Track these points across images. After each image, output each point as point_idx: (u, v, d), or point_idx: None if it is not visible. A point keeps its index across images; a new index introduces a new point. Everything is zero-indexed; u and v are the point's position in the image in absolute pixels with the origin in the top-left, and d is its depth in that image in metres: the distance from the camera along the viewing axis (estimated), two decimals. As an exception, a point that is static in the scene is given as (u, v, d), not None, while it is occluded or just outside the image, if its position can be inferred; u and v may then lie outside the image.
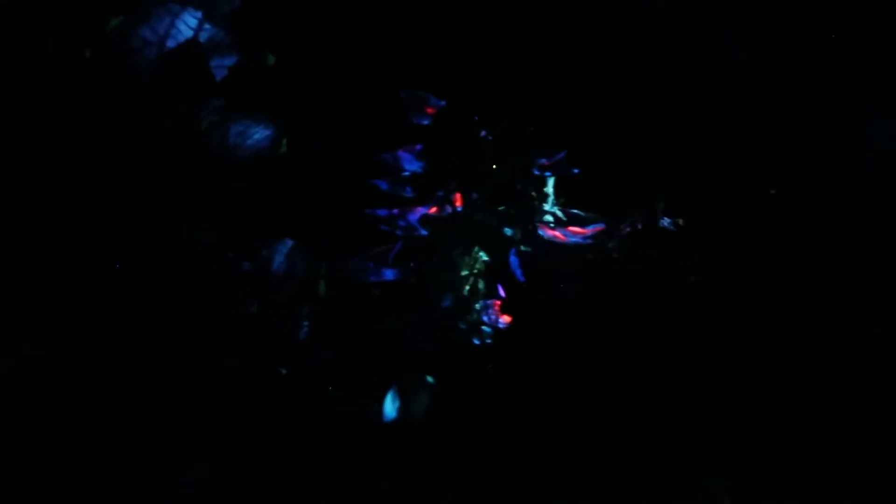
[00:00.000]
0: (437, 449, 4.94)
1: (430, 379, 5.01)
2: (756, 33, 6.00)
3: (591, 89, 6.55)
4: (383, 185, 5.80)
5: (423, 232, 5.61)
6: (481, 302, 5.70)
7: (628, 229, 6.22)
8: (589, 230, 6.01)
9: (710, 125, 6.17)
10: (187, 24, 5.67)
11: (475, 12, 6.07)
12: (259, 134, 6.01)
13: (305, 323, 5.09)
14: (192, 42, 5.78)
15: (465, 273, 5.71)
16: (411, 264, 5.57)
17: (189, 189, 5.75)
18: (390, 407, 4.85)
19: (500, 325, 5.42)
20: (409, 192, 5.85)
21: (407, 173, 5.83)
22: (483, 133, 6.03)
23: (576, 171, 6.18)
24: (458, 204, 5.99)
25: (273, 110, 6.06)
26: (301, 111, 6.02)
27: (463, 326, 5.31)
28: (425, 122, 5.88)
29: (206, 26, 5.77)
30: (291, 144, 6.02)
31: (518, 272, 5.65)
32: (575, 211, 6.26)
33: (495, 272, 5.90)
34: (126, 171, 5.75)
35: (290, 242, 5.26)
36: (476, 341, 5.32)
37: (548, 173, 6.21)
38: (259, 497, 4.73)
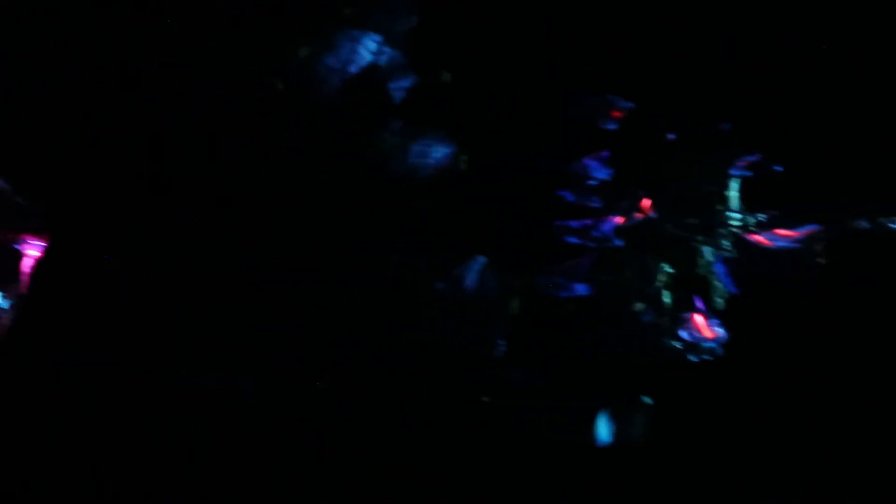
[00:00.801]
0: (658, 474, 4.58)
1: (647, 399, 4.67)
2: None
3: (785, 82, 5.99)
4: (569, 196, 5.54)
5: (619, 242, 5.29)
6: (681, 315, 5.29)
7: (842, 231, 5.58)
8: (800, 233, 5.43)
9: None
10: (368, 48, 5.73)
11: (661, 7, 5.72)
12: (439, 152, 5.95)
13: (501, 342, 4.91)
14: (373, 66, 5.83)
15: (661, 284, 5.32)
16: (605, 277, 5.26)
17: (375, 211, 5.76)
18: (604, 430, 4.54)
19: (708, 341, 4.98)
20: (596, 202, 5.55)
21: (594, 182, 5.54)
22: (673, 135, 5.64)
23: (778, 168, 5.63)
24: (649, 211, 5.62)
25: (451, 127, 5.98)
26: (480, 125, 5.90)
27: (671, 342, 4.92)
28: (612, 127, 5.57)
29: (386, 49, 5.80)
30: (472, 160, 5.90)
31: (728, 282, 5.19)
32: (774, 213, 5.71)
33: (693, 282, 5.46)
34: (314, 198, 5.85)
35: (482, 260, 5.11)
36: (693, 358, 4.92)
37: (745, 173, 5.71)
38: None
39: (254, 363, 5.03)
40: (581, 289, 5.29)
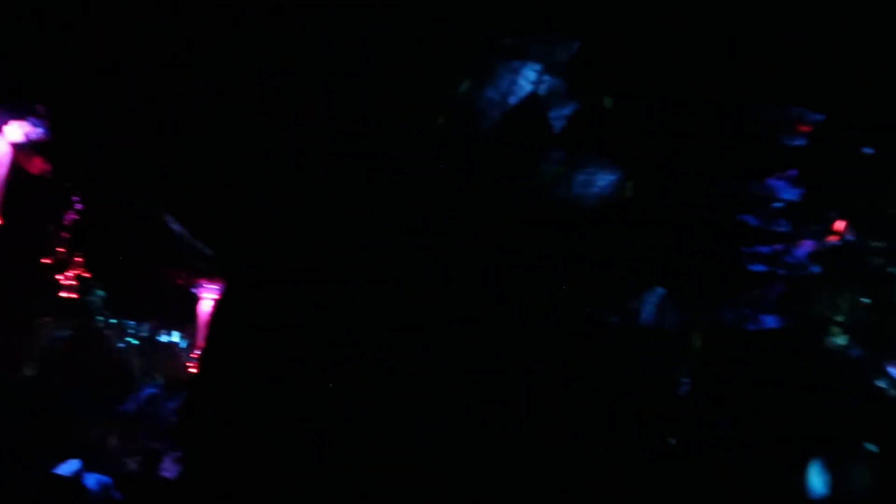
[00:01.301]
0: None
1: (870, 447, 4.10)
2: None
3: None
4: (753, 220, 5.08)
5: (813, 269, 4.76)
6: (888, 349, 4.65)
7: None
8: None
9: None
10: (527, 78, 5.62)
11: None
12: (604, 180, 5.69)
13: (684, 380, 4.52)
14: (532, 96, 5.70)
15: (863, 314, 4.72)
16: (798, 307, 4.74)
17: (539, 245, 5.57)
18: (818, 481, 4.02)
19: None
20: (784, 226, 5.05)
21: (781, 204, 5.06)
22: (870, 149, 5.06)
23: None
24: (844, 234, 5.04)
25: (616, 153, 5.71)
26: (647, 149, 5.58)
27: (879, 380, 4.32)
28: (799, 143, 5.08)
29: (545, 78, 5.66)
30: (640, 186, 5.59)
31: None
32: None
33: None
34: (476, 234, 5.75)
35: (660, 291, 4.77)
36: (922, 399, 4.30)
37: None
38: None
39: (428, 399, 4.96)
40: (771, 321, 4.80)
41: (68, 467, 8.00)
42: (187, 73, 6.79)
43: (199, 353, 14.70)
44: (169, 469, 9.05)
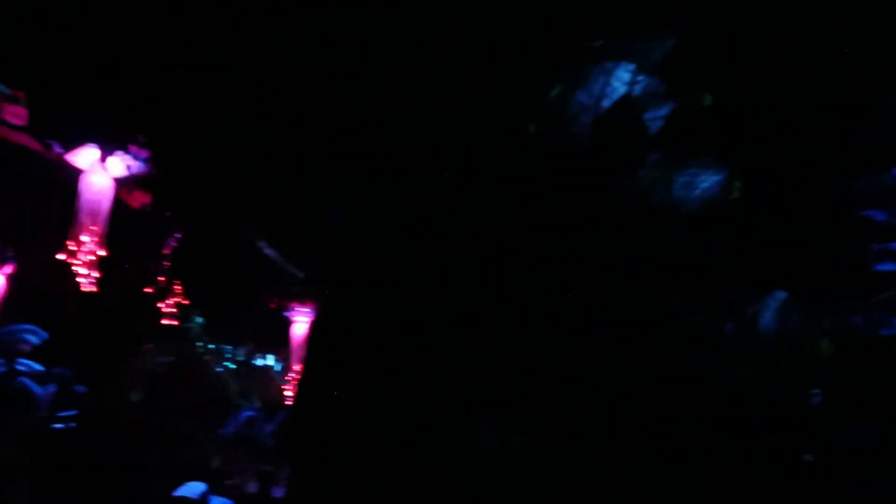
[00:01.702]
0: None
1: None
2: None
3: None
4: (879, 215, 4.68)
5: (954, 265, 4.33)
6: None
7: None
8: None
9: None
10: (621, 79, 5.40)
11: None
12: (707, 181, 5.38)
13: (814, 390, 4.16)
14: (626, 98, 5.47)
15: None
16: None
17: (644, 252, 5.30)
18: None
19: None
20: (914, 220, 4.63)
21: (910, 196, 4.64)
22: None
23: None
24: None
25: (720, 152, 5.40)
26: (754, 146, 5.25)
27: None
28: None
29: (640, 78, 5.43)
30: (749, 186, 5.26)
31: None
32: None
33: None
34: (574, 245, 5.54)
35: (780, 295, 4.43)
36: None
37: None
38: None
39: (533, 415, 4.78)
40: (906, 324, 4.39)
41: (194, 489, 8.17)
42: (269, 103, 6.89)
43: (293, 375, 15.03)
44: (280, 490, 9.16)
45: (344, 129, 6.18)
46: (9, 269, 11.89)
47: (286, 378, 14.87)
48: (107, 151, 9.16)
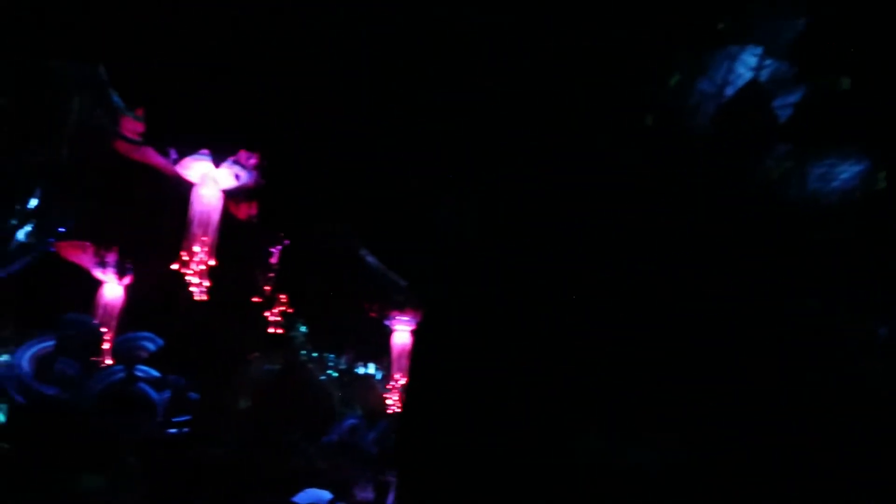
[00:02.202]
0: None
1: None
2: None
3: None
4: None
5: None
6: None
7: None
8: None
9: None
10: (747, 64, 5.00)
11: None
12: (847, 172, 4.90)
13: None
14: (753, 84, 5.06)
15: None
16: None
17: (771, 247, 4.87)
18: None
19: None
20: None
21: None
22: None
23: None
24: None
25: (861, 140, 4.91)
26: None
27: None
28: None
29: (768, 62, 5.01)
30: (893, 178, 4.75)
31: None
32: None
33: None
34: (699, 245, 5.16)
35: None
36: None
37: None
38: None
39: (655, 429, 4.47)
40: None
41: (318, 497, 8.21)
42: (372, 112, 6.83)
43: (394, 384, 15.01)
44: (393, 499, 9.10)
45: (451, 137, 6.03)
46: (127, 280, 12.43)
47: (387, 386, 14.87)
48: (217, 164, 9.39)
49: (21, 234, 11.09)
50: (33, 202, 11.03)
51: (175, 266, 9.46)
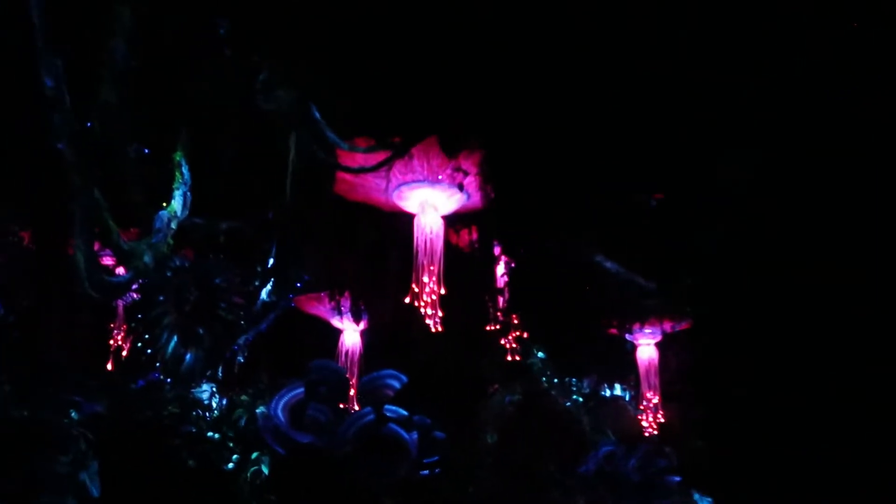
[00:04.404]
0: None
1: None
2: None
3: None
4: None
5: None
6: None
7: None
8: None
9: None
10: None
11: None
12: None
13: None
14: None
15: None
16: None
17: None
18: None
19: None
20: None
21: None
22: None
23: None
24: None
25: None
26: None
27: None
28: None
29: None
30: None
31: None
32: None
33: None
34: None
35: None
36: None
37: None
38: None
39: None
40: None
41: None
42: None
43: (646, 403, 13.67)
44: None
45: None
46: (363, 324, 12.50)
47: (640, 407, 13.61)
48: (434, 190, 9.03)
49: (264, 294, 11.53)
50: (270, 261, 11.45)
51: (407, 299, 9.17)
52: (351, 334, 12.27)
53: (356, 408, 10.34)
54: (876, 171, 4.21)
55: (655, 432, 13.05)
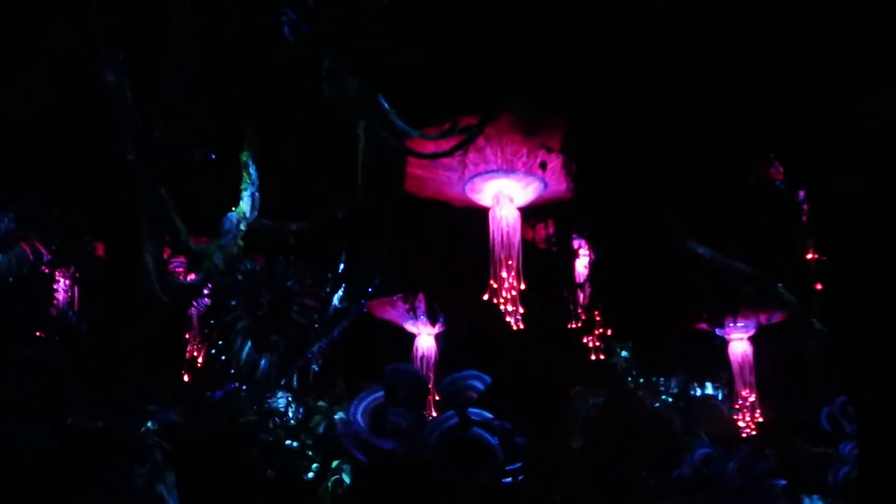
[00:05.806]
0: None
1: None
2: None
3: None
4: None
5: None
6: None
7: None
8: None
9: None
10: None
11: None
12: None
13: None
14: None
15: None
16: None
17: None
18: None
19: None
20: None
21: None
22: None
23: None
24: None
25: None
26: None
27: None
28: None
29: None
30: None
31: None
32: None
33: None
34: None
35: None
36: None
37: None
38: None
39: None
40: None
41: None
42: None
43: (742, 402, 12.80)
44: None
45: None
46: (439, 327, 12.08)
47: (734, 406, 12.76)
48: (510, 180, 8.56)
49: (335, 300, 11.25)
50: (341, 266, 11.18)
51: (485, 297, 8.69)
52: (426, 338, 11.88)
53: (434, 413, 9.92)
54: None
55: (754, 432, 12.19)
